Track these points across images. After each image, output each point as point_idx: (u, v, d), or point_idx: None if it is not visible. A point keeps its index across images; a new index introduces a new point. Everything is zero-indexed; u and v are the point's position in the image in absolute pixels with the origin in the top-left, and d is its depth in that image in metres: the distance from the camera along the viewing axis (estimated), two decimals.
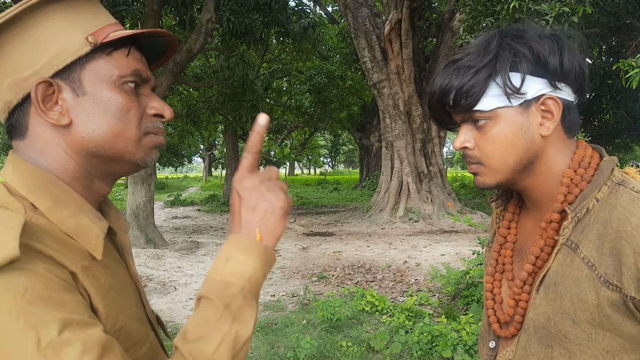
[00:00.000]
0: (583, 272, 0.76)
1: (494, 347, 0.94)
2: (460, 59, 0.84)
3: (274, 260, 0.72)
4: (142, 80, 0.74)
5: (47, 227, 0.62)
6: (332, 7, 22.19)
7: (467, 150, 0.87)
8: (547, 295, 0.81)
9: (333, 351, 3.84)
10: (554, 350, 0.80)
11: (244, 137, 22.33)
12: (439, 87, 0.85)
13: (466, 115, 0.85)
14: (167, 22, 11.47)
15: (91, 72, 0.68)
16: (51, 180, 0.67)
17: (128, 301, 0.69)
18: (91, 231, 0.66)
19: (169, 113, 0.75)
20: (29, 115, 0.68)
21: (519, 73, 0.80)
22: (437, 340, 3.73)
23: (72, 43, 0.67)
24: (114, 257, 0.73)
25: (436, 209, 12.17)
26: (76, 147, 0.69)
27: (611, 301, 0.73)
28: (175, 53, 0.82)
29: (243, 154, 0.75)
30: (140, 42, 0.75)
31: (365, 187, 21.98)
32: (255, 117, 0.74)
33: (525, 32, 0.82)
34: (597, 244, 0.75)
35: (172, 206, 17.79)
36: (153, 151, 0.74)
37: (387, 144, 13.31)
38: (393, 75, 12.63)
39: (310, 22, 10.46)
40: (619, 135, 12.81)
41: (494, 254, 0.99)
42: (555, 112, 0.81)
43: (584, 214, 0.80)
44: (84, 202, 0.69)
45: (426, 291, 5.60)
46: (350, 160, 67.04)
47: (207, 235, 10.87)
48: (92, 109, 0.68)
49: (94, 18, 0.70)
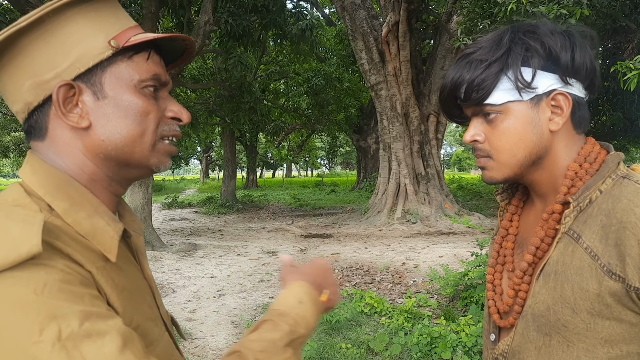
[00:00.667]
0: (585, 262, 0.77)
1: (495, 340, 0.95)
2: (473, 53, 0.85)
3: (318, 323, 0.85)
4: (161, 84, 0.74)
5: (63, 227, 0.62)
6: (330, 9, 22.22)
7: (477, 144, 0.88)
8: (547, 284, 0.81)
9: (332, 353, 3.84)
10: (552, 338, 0.81)
11: (241, 139, 22.33)
12: (451, 80, 0.86)
13: (477, 109, 0.86)
14: (165, 24, 11.45)
15: (112, 76, 0.69)
16: (68, 181, 0.67)
17: (142, 302, 0.70)
18: (106, 233, 0.66)
19: (186, 117, 0.76)
20: (49, 116, 0.69)
21: (531, 68, 0.81)
22: (436, 342, 3.74)
23: (95, 47, 0.67)
24: (128, 259, 0.73)
25: (434, 210, 12.19)
26: (95, 150, 0.69)
27: (613, 291, 0.74)
28: (192, 56, 0.83)
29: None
30: (159, 45, 0.76)
31: (362, 189, 21.99)
32: (252, 118, 0.76)
33: (537, 27, 0.83)
34: (600, 234, 0.76)
35: (170, 208, 17.76)
36: (167, 158, 0.75)
37: (384, 145, 13.32)
38: (390, 77, 12.65)
39: (307, 24, 10.48)
40: (615, 137, 12.85)
41: (495, 245, 1.00)
42: (565, 107, 0.82)
43: (587, 205, 0.80)
44: (100, 204, 0.69)
45: (425, 293, 5.60)
46: (347, 162, 67.07)
47: (204, 237, 10.85)
48: (112, 113, 0.69)
49: (115, 21, 0.71)
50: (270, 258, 8.16)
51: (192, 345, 4.24)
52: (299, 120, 19.11)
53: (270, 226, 12.57)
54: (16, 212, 0.58)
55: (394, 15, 11.92)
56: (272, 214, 15.76)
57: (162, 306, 0.79)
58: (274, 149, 22.90)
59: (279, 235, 10.95)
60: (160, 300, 0.80)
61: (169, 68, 0.83)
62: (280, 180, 42.31)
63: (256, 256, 8.35)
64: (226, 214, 15.92)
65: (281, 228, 12.10)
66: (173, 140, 0.76)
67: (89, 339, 0.52)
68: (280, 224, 12.83)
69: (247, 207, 17.76)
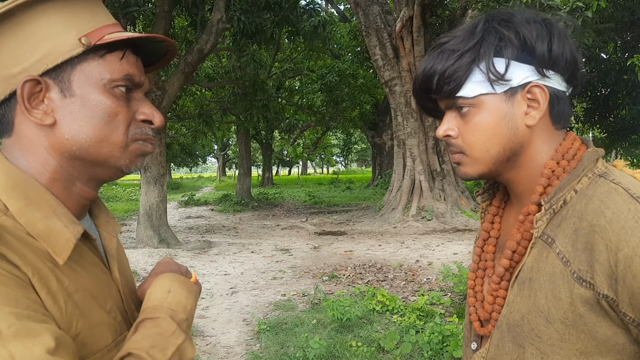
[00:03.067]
0: (557, 268, 0.72)
1: (476, 349, 0.91)
2: (446, 43, 0.81)
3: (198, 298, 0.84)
4: (134, 85, 0.72)
5: (12, 227, 0.62)
6: (343, 5, 22.13)
7: (450, 139, 0.84)
8: (522, 292, 0.77)
9: (342, 351, 3.82)
10: (525, 350, 0.76)
11: (257, 136, 22.40)
12: (422, 71, 0.82)
13: (450, 102, 0.82)
14: (179, 22, 11.52)
15: (81, 74, 0.67)
16: (27, 181, 0.66)
17: (96, 307, 0.68)
18: (62, 235, 0.65)
19: (158, 120, 0.74)
20: (15, 112, 0.68)
21: (504, 58, 0.77)
22: (448, 340, 3.70)
23: (65, 43, 0.66)
24: (92, 262, 0.72)
25: (449, 207, 12.08)
26: (58, 148, 0.68)
27: (584, 299, 0.69)
28: (173, 57, 0.81)
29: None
30: (137, 45, 0.74)
31: (377, 186, 21.90)
32: (266, 116, 0.74)
33: (513, 15, 0.79)
34: (572, 238, 0.71)
35: (186, 206, 17.92)
36: (139, 159, 0.74)
37: (399, 142, 13.24)
38: (405, 73, 12.56)
39: (320, 20, 10.44)
40: (635, 131, 12.55)
41: (477, 249, 0.95)
42: (541, 100, 0.77)
43: (561, 207, 0.75)
44: (59, 205, 0.68)
45: (438, 290, 5.55)
46: (363, 159, 66.95)
47: (219, 234, 10.92)
48: (79, 111, 0.67)
49: (91, 18, 0.69)
50: (284, 255, 8.17)
51: (203, 343, 4.26)
52: (313, 118, 19.08)
53: (285, 224, 12.60)
54: None
55: (407, 10, 11.81)
56: (286, 211, 15.79)
57: (134, 311, 0.78)
58: (289, 147, 22.90)
59: (293, 233, 10.96)
60: (131, 305, 0.79)
61: (150, 69, 0.81)
62: (296, 177, 42.37)
63: (269, 254, 8.37)
64: (241, 211, 16.00)
65: (295, 225, 12.11)
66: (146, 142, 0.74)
67: (18, 339, 0.52)
68: (295, 222, 12.85)
69: (262, 204, 17.83)
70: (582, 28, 5.21)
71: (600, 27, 7.47)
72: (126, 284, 0.79)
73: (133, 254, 7.70)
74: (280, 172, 60.77)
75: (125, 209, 16.57)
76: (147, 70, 0.80)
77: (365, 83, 16.71)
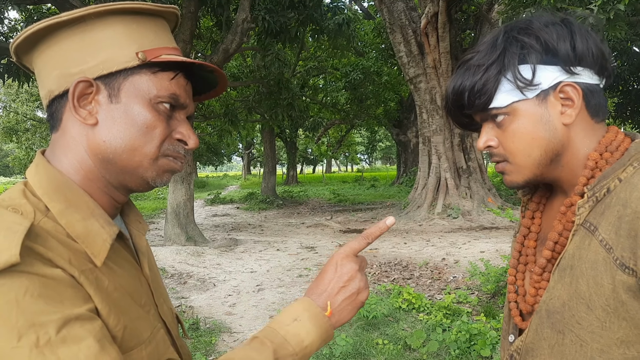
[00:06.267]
0: (600, 255, 0.72)
1: (513, 341, 0.91)
2: (470, 59, 0.84)
3: (331, 339, 0.79)
4: (178, 105, 0.75)
5: (53, 230, 0.65)
6: (367, 2, 22.04)
7: (492, 149, 0.86)
8: (563, 279, 0.77)
9: (369, 349, 3.83)
10: (565, 336, 0.76)
11: (281, 135, 22.51)
12: (452, 89, 0.86)
13: (484, 114, 0.85)
14: (205, 23, 11.66)
15: (131, 85, 0.71)
16: (66, 183, 0.70)
17: (133, 303, 0.71)
18: (99, 236, 0.68)
19: (193, 142, 0.77)
20: (65, 108, 0.72)
21: (529, 64, 0.79)
22: (475, 339, 3.67)
23: (123, 54, 0.70)
24: (126, 259, 0.75)
25: (475, 205, 11.93)
26: (95, 149, 0.71)
27: (627, 286, 0.69)
28: (224, 90, 0.84)
29: (359, 237, 0.82)
30: (191, 71, 0.77)
31: (402, 184, 21.76)
32: (291, 114, 0.76)
33: (531, 22, 0.81)
34: (616, 225, 0.71)
35: (212, 204, 18.15)
36: (166, 174, 0.76)
37: (424, 139, 13.13)
38: (430, 70, 12.44)
39: (344, 18, 10.41)
40: None
41: (517, 245, 0.96)
42: (575, 98, 0.79)
43: (604, 195, 0.76)
44: (96, 206, 0.71)
45: (465, 289, 5.50)
46: (387, 157, 66.59)
47: (245, 232, 11.03)
48: (120, 118, 0.71)
49: (154, 37, 0.74)
50: (309, 253, 8.21)
51: (231, 339, 4.32)
52: (337, 116, 19.07)
53: (310, 221, 12.64)
54: (3, 218, 0.61)
55: (432, 6, 11.69)
56: (311, 209, 15.83)
57: (162, 305, 0.81)
58: (314, 145, 22.94)
59: (317, 231, 10.99)
60: (160, 300, 0.81)
61: (201, 98, 0.85)
62: (320, 176, 42.44)
63: (295, 251, 8.42)
64: (266, 209, 16.12)
65: (320, 223, 12.14)
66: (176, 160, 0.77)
67: (66, 345, 0.55)
68: (320, 220, 12.89)
69: (287, 202, 17.92)
70: (614, 21, 5.08)
71: (632, 19, 7.26)
72: (154, 279, 0.82)
73: (161, 252, 7.85)
74: (305, 171, 60.93)
75: (153, 207, 16.88)
76: (197, 99, 0.84)
77: (389, 80, 16.60)
